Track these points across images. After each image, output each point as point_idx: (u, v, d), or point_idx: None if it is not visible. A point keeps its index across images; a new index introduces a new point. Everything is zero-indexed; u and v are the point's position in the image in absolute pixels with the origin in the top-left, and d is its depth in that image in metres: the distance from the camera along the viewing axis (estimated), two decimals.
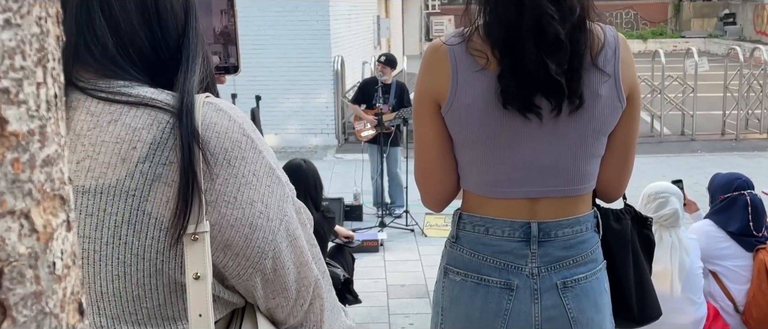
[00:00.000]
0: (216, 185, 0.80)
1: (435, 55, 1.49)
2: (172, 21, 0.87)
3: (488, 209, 1.52)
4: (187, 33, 0.88)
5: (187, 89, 0.83)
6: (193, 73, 0.85)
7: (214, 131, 0.82)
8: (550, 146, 1.48)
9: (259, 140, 0.86)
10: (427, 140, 1.54)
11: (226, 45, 1.19)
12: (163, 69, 0.86)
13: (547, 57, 1.39)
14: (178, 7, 0.88)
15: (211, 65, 0.91)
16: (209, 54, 0.92)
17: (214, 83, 0.92)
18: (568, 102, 1.43)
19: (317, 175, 3.53)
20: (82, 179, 0.78)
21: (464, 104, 1.46)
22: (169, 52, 0.87)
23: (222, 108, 0.84)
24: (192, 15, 0.90)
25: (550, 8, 1.39)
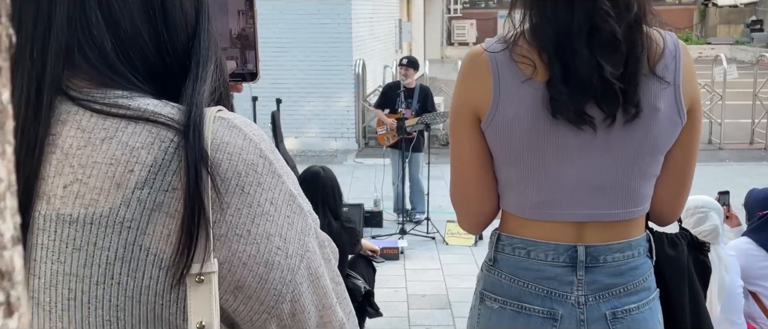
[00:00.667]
0: (227, 216, 0.68)
1: (475, 63, 1.37)
2: (181, 21, 0.75)
3: (530, 230, 1.39)
4: (198, 35, 0.75)
5: (196, 101, 0.70)
6: (204, 83, 0.72)
7: (226, 151, 0.69)
8: (601, 164, 1.34)
9: (278, 162, 0.73)
10: (465, 157, 1.41)
11: (244, 50, 1.07)
12: (169, 77, 0.74)
13: (601, 59, 1.25)
14: (188, 4, 0.75)
15: (225, 73, 0.79)
16: (223, 60, 0.79)
17: (228, 94, 0.79)
18: (623, 111, 1.29)
19: (336, 183, 3.40)
20: (70, 206, 0.66)
21: (507, 117, 1.32)
22: (177, 58, 0.74)
23: (236, 124, 0.71)
24: (204, 15, 0.77)
25: (605, 4, 1.26)
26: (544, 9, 1.30)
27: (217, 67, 0.76)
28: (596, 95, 1.27)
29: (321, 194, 3.29)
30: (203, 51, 0.74)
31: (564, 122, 1.29)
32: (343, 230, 3.30)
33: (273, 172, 0.71)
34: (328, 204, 3.30)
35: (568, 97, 1.27)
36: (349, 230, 3.34)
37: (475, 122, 1.37)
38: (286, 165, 0.75)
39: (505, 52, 1.33)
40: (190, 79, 0.72)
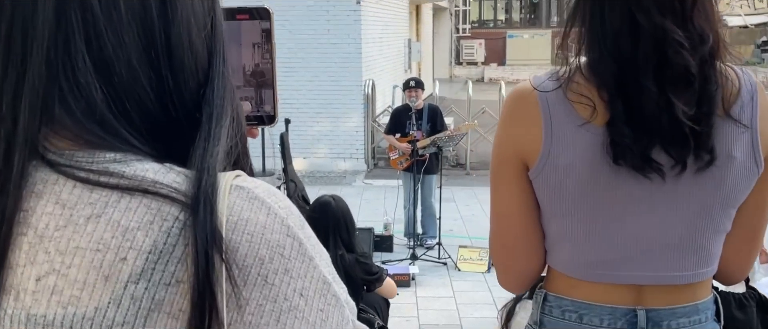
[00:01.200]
0: (245, 315, 0.53)
1: (522, 103, 1.20)
2: (191, 63, 0.60)
3: (583, 291, 1.23)
4: (211, 81, 0.61)
5: (208, 165, 0.56)
6: (218, 141, 0.58)
7: (245, 231, 0.55)
8: (667, 218, 1.18)
9: (309, 240, 0.58)
10: (510, 208, 1.25)
11: (260, 89, 0.93)
12: (175, 134, 0.59)
13: (672, 96, 1.09)
14: (199, 42, 0.61)
15: (243, 128, 0.64)
16: (241, 111, 0.65)
17: (246, 154, 0.65)
18: (695, 157, 1.12)
19: (348, 213, 3.23)
20: (44, 304, 0.51)
21: (561, 165, 1.17)
22: (185, 110, 0.60)
23: (258, 195, 0.57)
24: (219, 56, 0.63)
25: (677, 34, 1.09)
26: (603, 39, 1.13)
27: (234, 121, 0.62)
28: (664, 138, 1.11)
29: (332, 226, 3.13)
30: (217, 101, 0.60)
31: (627, 170, 1.14)
32: (356, 264, 3.13)
33: (303, 254, 0.57)
34: (341, 237, 3.13)
35: (633, 140, 1.11)
36: (364, 265, 3.17)
37: (522, 170, 1.22)
38: (319, 243, 0.60)
39: (558, 91, 1.17)
40: (201, 138, 0.58)
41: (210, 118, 0.59)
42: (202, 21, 0.62)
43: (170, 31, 0.59)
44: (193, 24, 0.60)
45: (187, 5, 0.60)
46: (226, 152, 0.59)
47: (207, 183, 0.55)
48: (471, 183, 9.91)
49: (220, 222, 0.53)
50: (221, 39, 0.64)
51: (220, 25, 0.64)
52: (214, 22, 0.63)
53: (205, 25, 0.62)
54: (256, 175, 2.45)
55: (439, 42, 22.99)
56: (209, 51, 0.62)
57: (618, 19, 1.12)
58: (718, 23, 1.14)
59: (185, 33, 0.60)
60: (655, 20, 1.09)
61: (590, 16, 1.16)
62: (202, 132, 0.58)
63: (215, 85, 0.61)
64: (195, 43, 0.60)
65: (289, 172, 7.82)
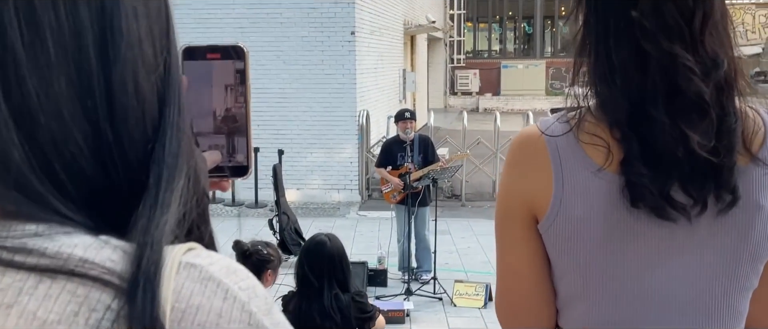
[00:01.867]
0: None
1: (529, 149, 1.10)
2: (136, 113, 0.50)
3: None
4: (162, 134, 0.51)
5: (152, 238, 0.46)
6: (167, 209, 0.48)
7: (195, 322, 0.44)
8: (691, 271, 1.07)
9: (275, 325, 0.48)
10: (517, 265, 1.14)
11: (232, 136, 0.83)
12: (115, 199, 0.49)
13: (686, 127, 0.99)
14: (147, 87, 0.51)
15: (202, 189, 0.54)
16: (200, 168, 0.55)
17: (205, 220, 0.55)
18: (716, 198, 1.02)
19: (344, 253, 3.14)
20: None
21: (574, 216, 1.06)
22: (128, 169, 0.50)
23: (212, 275, 0.46)
24: (173, 103, 0.53)
25: (687, 59, 0.99)
26: (611, 76, 1.04)
27: (191, 182, 0.52)
28: (682, 174, 1.00)
29: (327, 266, 3.03)
30: (169, 159, 0.50)
31: (646, 216, 1.03)
32: (353, 304, 3.02)
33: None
34: (336, 277, 3.03)
35: (651, 179, 1.00)
36: (359, 303, 3.06)
37: (531, 223, 1.11)
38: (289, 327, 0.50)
39: (569, 135, 1.07)
40: (146, 204, 0.48)
41: (158, 180, 0.49)
42: (152, 62, 0.51)
43: (111, 74, 0.49)
44: (141, 65, 0.50)
45: (133, 42, 0.50)
46: (177, 220, 0.49)
47: (149, 261, 0.44)
48: (466, 215, 9.80)
49: (163, 311, 0.43)
50: (177, 83, 0.54)
51: (175, 67, 0.54)
52: (169, 63, 0.53)
53: (157, 67, 0.52)
54: (249, 208, 2.31)
55: (433, 72, 23.02)
56: (161, 98, 0.52)
57: (625, 52, 1.03)
58: (733, 48, 1.05)
59: (130, 76, 0.50)
60: (662, 46, 1.00)
61: (595, 55, 1.07)
62: (148, 197, 0.48)
63: (167, 139, 0.51)
64: (142, 89, 0.50)
65: (281, 204, 7.71)
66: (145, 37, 0.51)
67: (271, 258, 3.18)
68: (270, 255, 3.19)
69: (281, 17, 10.56)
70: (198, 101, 0.83)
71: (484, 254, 7.68)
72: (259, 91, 10.19)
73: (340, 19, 10.60)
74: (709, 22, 1.02)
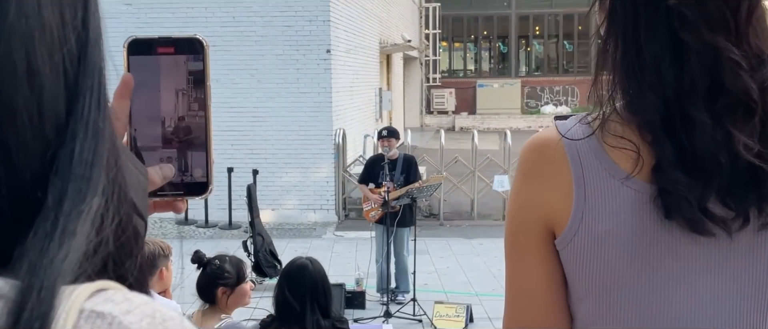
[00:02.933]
0: None
1: (546, 154, 0.97)
2: (30, 107, 0.36)
3: None
4: (71, 137, 0.37)
5: (41, 280, 0.32)
6: (68, 238, 0.34)
7: None
8: (727, 295, 0.94)
9: None
10: (530, 287, 1.01)
11: (189, 147, 0.69)
12: (3, 223, 0.35)
13: (731, 126, 0.88)
14: (49, 71, 0.37)
15: (135, 210, 0.41)
16: (131, 183, 0.41)
17: (130, 254, 0.40)
18: (758, 211, 0.90)
19: (325, 277, 3.01)
20: None
21: (597, 231, 0.94)
22: (16, 184, 0.35)
23: (123, 325, 0.32)
24: (91, 92, 0.39)
25: (733, 52, 0.88)
26: (641, 74, 0.92)
27: (113, 201, 0.38)
28: (722, 183, 0.89)
29: (310, 291, 2.89)
30: (78, 170, 0.36)
31: (678, 230, 0.91)
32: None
33: None
34: (318, 301, 2.89)
35: (687, 187, 0.88)
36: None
37: (546, 239, 0.98)
38: None
39: (591, 138, 0.95)
40: (39, 232, 0.34)
41: (60, 199, 0.35)
42: (58, 35, 0.37)
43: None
44: (39, 41, 0.36)
45: (28, 9, 0.36)
46: (85, 253, 0.35)
47: (33, 312, 0.30)
48: (445, 234, 9.68)
49: None
50: (97, 70, 0.39)
51: (95, 47, 0.40)
52: (85, 41, 0.39)
53: (64, 43, 0.38)
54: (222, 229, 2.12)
55: (409, 91, 23.02)
56: (71, 88, 0.38)
57: (658, 45, 0.92)
58: None
59: (21, 54, 0.36)
60: (704, 38, 0.89)
61: (623, 49, 0.95)
62: (44, 222, 0.34)
63: (77, 143, 0.37)
64: (40, 74, 0.36)
65: (256, 225, 7.52)
66: (46, 3, 0.37)
67: (225, 274, 3.00)
68: (225, 271, 3.00)
69: (255, 35, 10.43)
70: (147, 105, 0.69)
71: (463, 274, 7.55)
72: (233, 109, 10.03)
73: (315, 37, 10.50)
74: (754, 15, 0.91)
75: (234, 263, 3.12)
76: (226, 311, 3.05)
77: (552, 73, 27.77)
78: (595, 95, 0.95)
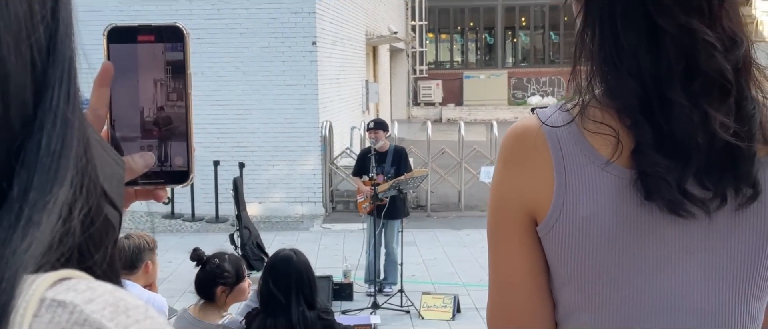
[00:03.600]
0: None
1: (526, 142, 0.99)
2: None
3: None
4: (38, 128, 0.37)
5: (4, 266, 0.32)
6: (33, 228, 0.34)
7: None
8: (707, 275, 0.97)
9: None
10: (513, 275, 1.02)
11: (169, 135, 0.69)
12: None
13: (707, 107, 0.90)
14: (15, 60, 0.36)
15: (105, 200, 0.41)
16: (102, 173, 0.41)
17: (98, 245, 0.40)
18: (735, 191, 0.92)
19: (310, 269, 3.01)
20: None
21: (578, 216, 0.95)
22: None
23: (88, 317, 0.33)
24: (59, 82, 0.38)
25: (708, 34, 0.90)
26: (619, 56, 0.93)
27: (81, 192, 0.37)
28: (700, 163, 0.91)
29: (295, 282, 2.89)
30: (45, 161, 0.36)
31: (659, 213, 0.93)
32: (318, 321, 2.88)
33: None
34: (303, 293, 2.89)
35: (667, 169, 0.90)
36: (326, 322, 2.93)
37: (528, 226, 0.99)
38: None
39: (571, 125, 0.96)
40: (2, 222, 0.34)
41: (26, 189, 0.35)
42: (25, 23, 0.37)
43: None
44: (3, 29, 0.36)
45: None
46: (49, 243, 0.34)
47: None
48: (433, 226, 9.70)
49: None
50: (66, 59, 0.39)
51: (65, 37, 0.39)
52: (54, 30, 0.39)
53: (32, 32, 0.37)
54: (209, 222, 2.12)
55: (396, 83, 23.00)
56: (38, 78, 0.37)
57: (634, 31, 0.93)
58: (746, 29, 0.96)
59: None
60: (679, 21, 0.91)
61: (600, 39, 0.96)
62: (8, 212, 0.34)
63: (44, 134, 0.36)
64: (5, 62, 0.36)
65: (243, 218, 7.51)
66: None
67: (225, 274, 3.00)
68: (224, 271, 3.00)
69: (240, 28, 10.38)
70: (127, 93, 0.69)
71: (451, 265, 7.58)
72: (218, 102, 9.99)
73: (300, 29, 10.46)
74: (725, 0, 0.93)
75: (233, 262, 3.13)
76: (224, 308, 3.06)
77: (538, 65, 27.85)
78: (574, 83, 0.97)
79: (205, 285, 3.02)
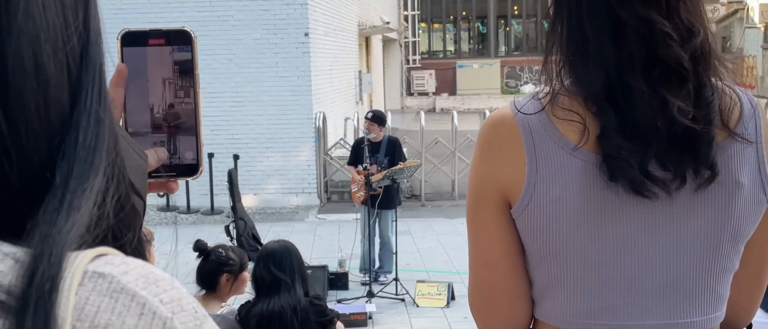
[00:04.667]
0: None
1: (500, 130, 1.05)
2: (36, 97, 0.41)
3: None
4: (75, 126, 0.42)
5: (51, 247, 0.37)
6: (74, 211, 0.39)
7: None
8: (671, 252, 1.03)
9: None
10: (490, 254, 1.09)
11: (180, 131, 0.75)
12: (9, 198, 0.40)
13: (666, 93, 0.97)
14: (54, 67, 0.42)
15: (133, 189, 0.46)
16: (129, 166, 0.46)
17: (129, 227, 0.46)
18: (694, 172, 0.99)
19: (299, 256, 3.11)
20: None
21: (548, 199, 1.01)
22: (26, 165, 0.41)
23: (125, 286, 0.38)
24: (92, 85, 0.44)
25: (665, 25, 0.97)
26: (585, 47, 1.00)
27: (112, 181, 0.43)
28: (660, 146, 0.97)
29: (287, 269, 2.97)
30: (81, 154, 0.41)
31: (623, 193, 0.99)
32: (311, 307, 2.97)
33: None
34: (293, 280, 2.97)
35: (629, 152, 0.97)
36: (318, 307, 3.01)
37: (503, 208, 1.05)
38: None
39: (541, 114, 1.03)
40: (48, 207, 0.39)
41: (67, 178, 0.40)
42: (61, 34, 0.43)
43: (5, 48, 0.40)
44: (44, 40, 0.42)
45: (34, 12, 0.41)
46: (88, 224, 0.40)
47: (44, 274, 0.36)
48: (427, 215, 9.77)
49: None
50: (97, 66, 0.45)
51: (95, 46, 0.45)
52: (85, 41, 0.44)
53: (67, 41, 0.43)
54: (205, 215, 2.19)
55: (389, 73, 23.01)
56: (74, 82, 0.43)
57: (599, 24, 1.00)
58: (705, 20, 1.03)
59: (28, 53, 0.41)
60: (639, 13, 0.98)
61: (568, 28, 1.03)
62: (53, 199, 0.40)
63: (80, 131, 0.42)
64: (46, 69, 0.41)
65: (238, 210, 7.56)
66: (51, 5, 0.42)
67: (229, 262, 3.08)
68: (229, 259, 3.08)
69: (233, 19, 10.39)
70: (140, 92, 0.75)
71: (445, 253, 7.65)
72: (212, 95, 10.01)
73: (293, 20, 10.47)
74: None
75: (236, 252, 3.22)
76: (225, 298, 3.12)
77: (531, 53, 27.89)
78: (545, 73, 1.04)
79: (210, 275, 3.08)
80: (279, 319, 2.89)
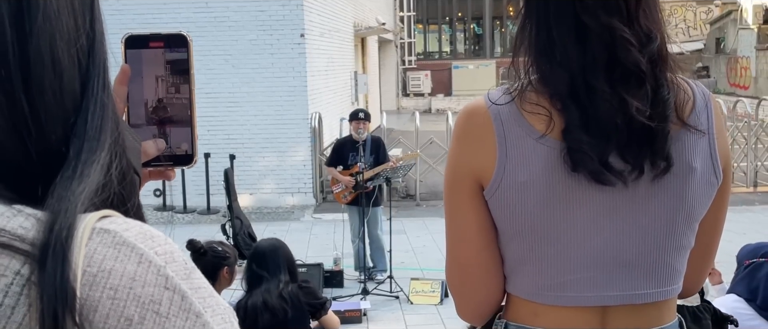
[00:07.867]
0: None
1: (474, 120, 1.15)
2: (53, 85, 0.50)
3: (547, 318, 1.16)
4: (85, 109, 0.51)
5: (67, 206, 0.45)
6: (85, 178, 0.47)
7: (106, 285, 0.44)
8: (631, 232, 1.13)
9: (196, 291, 0.48)
10: (464, 233, 1.18)
11: (177, 125, 0.84)
12: (30, 170, 0.48)
13: (625, 94, 1.06)
14: (67, 60, 0.51)
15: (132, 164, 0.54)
16: (125, 141, 0.54)
17: (130, 194, 0.54)
18: (652, 164, 1.09)
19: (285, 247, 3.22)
20: None
21: (517, 182, 1.11)
22: (45, 141, 0.49)
23: (126, 240, 0.46)
24: (97, 76, 0.52)
25: (625, 31, 1.07)
26: (551, 49, 1.10)
27: (115, 156, 0.51)
28: (620, 141, 1.07)
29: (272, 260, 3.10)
30: (90, 132, 0.50)
31: (586, 181, 1.09)
32: (301, 291, 3.09)
33: (187, 310, 0.46)
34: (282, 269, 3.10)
35: (590, 145, 1.06)
36: (306, 289, 3.14)
37: (477, 191, 1.15)
38: (213, 295, 0.50)
39: (511, 104, 1.13)
40: (64, 175, 0.47)
41: (79, 152, 0.49)
42: (72, 34, 0.51)
43: (27, 45, 0.48)
44: (59, 38, 0.50)
45: (50, 15, 0.50)
46: (96, 189, 0.48)
47: (61, 227, 0.44)
48: (421, 214, 9.85)
49: (74, 275, 0.42)
50: (102, 59, 0.53)
51: (100, 43, 0.54)
52: (92, 38, 0.53)
53: (77, 40, 0.51)
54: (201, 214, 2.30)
55: (385, 74, 23.10)
56: (83, 73, 0.51)
57: (564, 28, 1.10)
58: (663, 27, 1.13)
59: (47, 48, 0.49)
60: (601, 20, 1.07)
61: (536, 31, 1.13)
62: (67, 168, 0.48)
63: (89, 114, 0.50)
64: (61, 62, 0.50)
65: (234, 209, 7.63)
66: (64, 9, 0.51)
67: (226, 255, 3.18)
68: (225, 252, 3.19)
69: (229, 21, 10.46)
70: (142, 90, 0.83)
71: (439, 252, 7.73)
72: (208, 95, 10.08)
73: (288, 21, 10.55)
74: (643, 1, 1.10)
75: (227, 245, 3.35)
76: (220, 291, 3.23)
77: None
78: (513, 69, 1.13)
79: (213, 270, 3.18)
80: (253, 310, 3.01)
